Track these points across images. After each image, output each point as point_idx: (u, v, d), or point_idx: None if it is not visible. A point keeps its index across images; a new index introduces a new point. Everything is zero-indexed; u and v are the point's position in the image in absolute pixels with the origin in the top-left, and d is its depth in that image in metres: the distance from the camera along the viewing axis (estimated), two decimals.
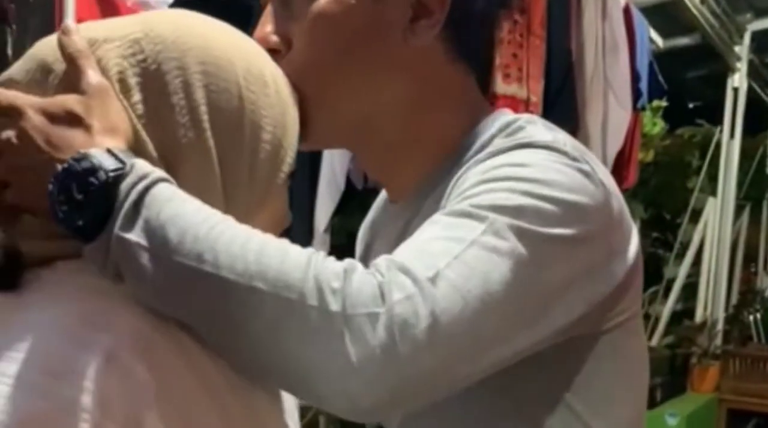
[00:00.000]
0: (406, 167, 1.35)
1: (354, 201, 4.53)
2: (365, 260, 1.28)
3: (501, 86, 3.54)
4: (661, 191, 8.73)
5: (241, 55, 1.12)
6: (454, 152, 1.30)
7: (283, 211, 1.20)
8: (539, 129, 1.24)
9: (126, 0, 2.55)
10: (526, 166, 1.14)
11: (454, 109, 1.34)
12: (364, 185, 4.26)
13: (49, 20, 2.41)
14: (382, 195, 1.53)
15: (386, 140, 1.33)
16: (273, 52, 1.23)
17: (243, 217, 1.05)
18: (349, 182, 4.11)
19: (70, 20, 2.42)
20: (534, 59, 3.76)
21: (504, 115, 1.32)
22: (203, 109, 1.07)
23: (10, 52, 2.35)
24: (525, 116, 1.30)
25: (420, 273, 1.02)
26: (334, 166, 4.02)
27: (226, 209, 1.06)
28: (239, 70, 1.11)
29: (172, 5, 2.66)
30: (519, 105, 3.68)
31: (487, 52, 1.41)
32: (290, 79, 1.20)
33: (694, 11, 6.79)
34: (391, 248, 1.11)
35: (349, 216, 4.74)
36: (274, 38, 1.27)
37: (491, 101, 3.74)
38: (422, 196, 1.32)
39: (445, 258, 1.04)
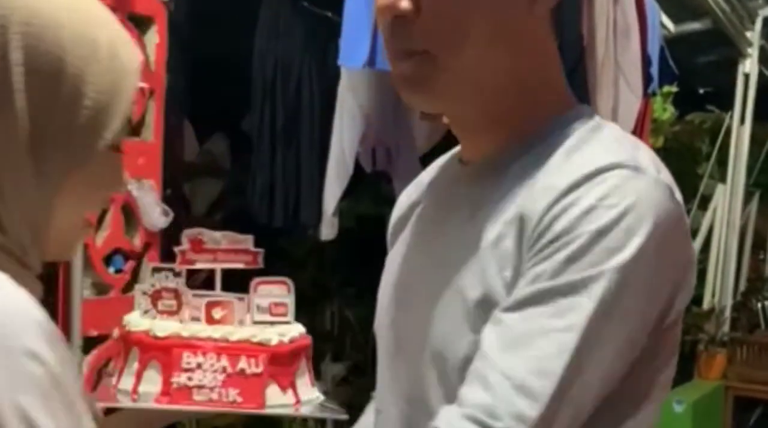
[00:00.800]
0: (495, 134, 1.39)
1: (362, 184, 4.52)
2: (407, 217, 1.51)
3: None
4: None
5: (74, 19, 1.14)
6: (538, 133, 1.35)
7: (109, 177, 1.24)
8: (626, 146, 1.30)
9: None
10: (629, 225, 1.19)
11: (549, 89, 1.39)
12: (372, 168, 4.25)
13: None
14: (442, 159, 1.58)
15: (490, 107, 1.37)
16: (401, 17, 1.27)
17: (57, 177, 1.13)
18: (357, 166, 4.09)
19: None
20: None
21: (586, 111, 1.39)
22: (18, 69, 1.09)
23: None
24: (609, 124, 1.37)
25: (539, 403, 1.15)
26: (343, 149, 3.99)
27: (36, 169, 1.11)
28: (66, 34, 1.12)
29: None
30: None
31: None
32: (420, 43, 1.28)
33: None
34: (456, 204, 1.36)
35: (358, 200, 4.74)
36: (404, 4, 1.28)
37: None
38: (502, 164, 1.36)
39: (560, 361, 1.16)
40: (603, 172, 1.22)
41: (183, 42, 2.90)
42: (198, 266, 1.67)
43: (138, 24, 2.65)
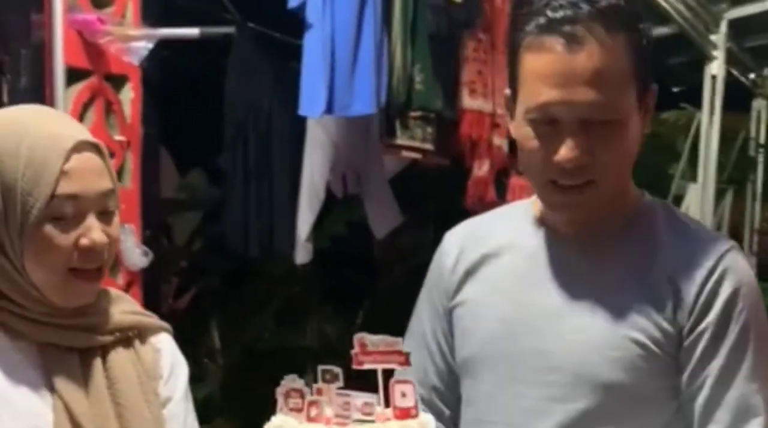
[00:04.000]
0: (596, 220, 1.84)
1: (337, 207, 4.78)
2: (477, 265, 1.92)
3: (468, 101, 3.76)
4: (644, 173, 8.83)
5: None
6: (626, 214, 1.86)
7: (52, 243, 1.60)
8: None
9: (109, 46, 2.77)
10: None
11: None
12: (344, 192, 4.53)
13: (40, 69, 2.63)
14: (508, 215, 2.02)
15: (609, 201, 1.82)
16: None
17: (17, 259, 1.59)
18: (328, 191, 4.39)
19: (59, 68, 2.65)
20: (499, 74, 3.98)
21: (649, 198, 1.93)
22: None
23: (6, 99, 2.57)
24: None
25: None
26: (314, 178, 4.28)
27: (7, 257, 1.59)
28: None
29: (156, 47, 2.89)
30: (485, 118, 3.91)
31: None
32: (586, 177, 1.73)
33: (666, 6, 6.88)
34: (552, 270, 1.82)
35: (333, 222, 5.00)
36: (585, 160, 1.72)
37: (459, 116, 3.98)
38: (603, 242, 1.84)
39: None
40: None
41: (157, 93, 3.12)
42: (366, 367, 1.57)
43: (114, 82, 2.89)
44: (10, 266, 1.61)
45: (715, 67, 8.38)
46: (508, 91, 1.80)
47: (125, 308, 1.78)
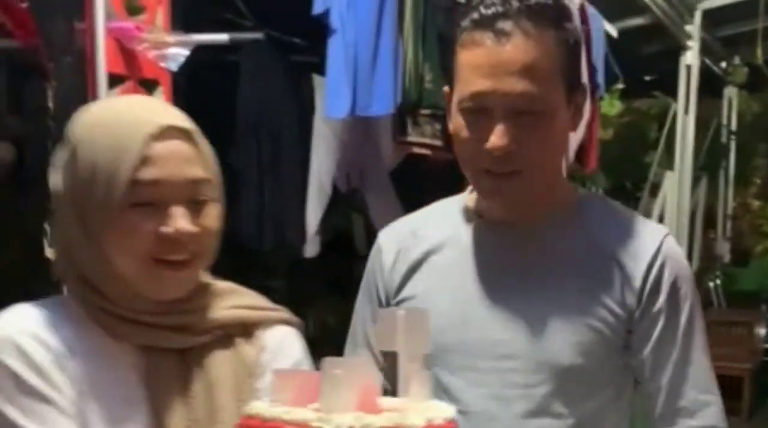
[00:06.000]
0: (532, 209, 1.91)
1: (340, 202, 4.92)
2: (419, 262, 1.97)
3: None
4: (621, 163, 8.98)
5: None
6: (562, 205, 1.94)
7: (133, 229, 1.55)
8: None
9: (146, 53, 2.88)
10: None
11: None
12: (347, 187, 4.69)
13: (82, 76, 2.73)
14: (443, 211, 2.05)
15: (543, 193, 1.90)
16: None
17: (105, 247, 1.55)
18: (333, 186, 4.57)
19: (101, 74, 2.76)
20: None
21: (583, 189, 2.08)
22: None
23: (51, 104, 2.67)
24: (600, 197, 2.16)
25: None
26: (321, 175, 4.46)
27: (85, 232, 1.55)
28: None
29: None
30: None
31: None
32: (513, 165, 1.80)
33: None
34: (494, 261, 1.89)
35: (336, 214, 5.13)
36: (511, 146, 1.78)
37: None
38: (543, 232, 1.91)
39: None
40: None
41: (183, 96, 3.21)
42: None
43: (146, 86, 3.00)
44: (97, 257, 1.56)
45: (690, 57, 8.51)
46: (446, 88, 1.90)
47: (234, 302, 1.71)
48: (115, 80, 2.88)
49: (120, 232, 1.54)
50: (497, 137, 1.75)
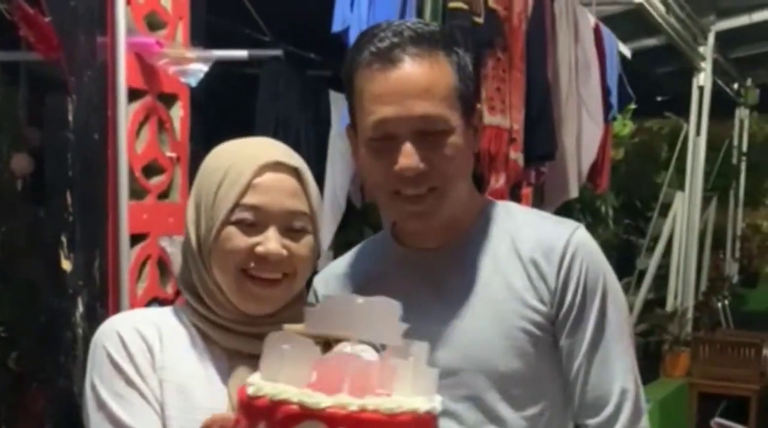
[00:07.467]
0: (449, 229, 1.95)
1: (354, 216, 4.94)
2: (365, 286, 1.95)
3: (487, 118, 3.90)
4: (631, 182, 9.00)
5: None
6: (477, 216, 1.98)
7: (230, 244, 1.75)
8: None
9: (167, 68, 2.90)
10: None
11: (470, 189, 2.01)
12: (362, 202, 4.70)
13: (102, 89, 2.76)
14: (369, 248, 2.12)
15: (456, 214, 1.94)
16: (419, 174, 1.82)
17: (207, 260, 1.76)
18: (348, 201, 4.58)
19: (121, 88, 2.78)
20: (515, 91, 4.13)
21: (490, 201, 2.06)
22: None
23: (70, 118, 2.69)
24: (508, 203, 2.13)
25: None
26: (335, 189, 4.46)
27: (198, 248, 1.77)
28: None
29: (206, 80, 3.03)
30: (503, 133, 4.05)
31: None
32: (430, 185, 1.83)
33: (659, 19, 7.05)
34: (421, 281, 1.93)
35: (350, 228, 5.15)
36: (423, 167, 1.81)
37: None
38: (462, 244, 1.96)
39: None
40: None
41: (201, 111, 3.23)
42: None
43: (165, 101, 3.02)
44: (202, 267, 1.78)
45: (703, 78, 8.56)
46: (347, 127, 1.96)
47: None
48: (134, 94, 2.90)
49: (220, 246, 1.76)
50: (405, 157, 1.80)
